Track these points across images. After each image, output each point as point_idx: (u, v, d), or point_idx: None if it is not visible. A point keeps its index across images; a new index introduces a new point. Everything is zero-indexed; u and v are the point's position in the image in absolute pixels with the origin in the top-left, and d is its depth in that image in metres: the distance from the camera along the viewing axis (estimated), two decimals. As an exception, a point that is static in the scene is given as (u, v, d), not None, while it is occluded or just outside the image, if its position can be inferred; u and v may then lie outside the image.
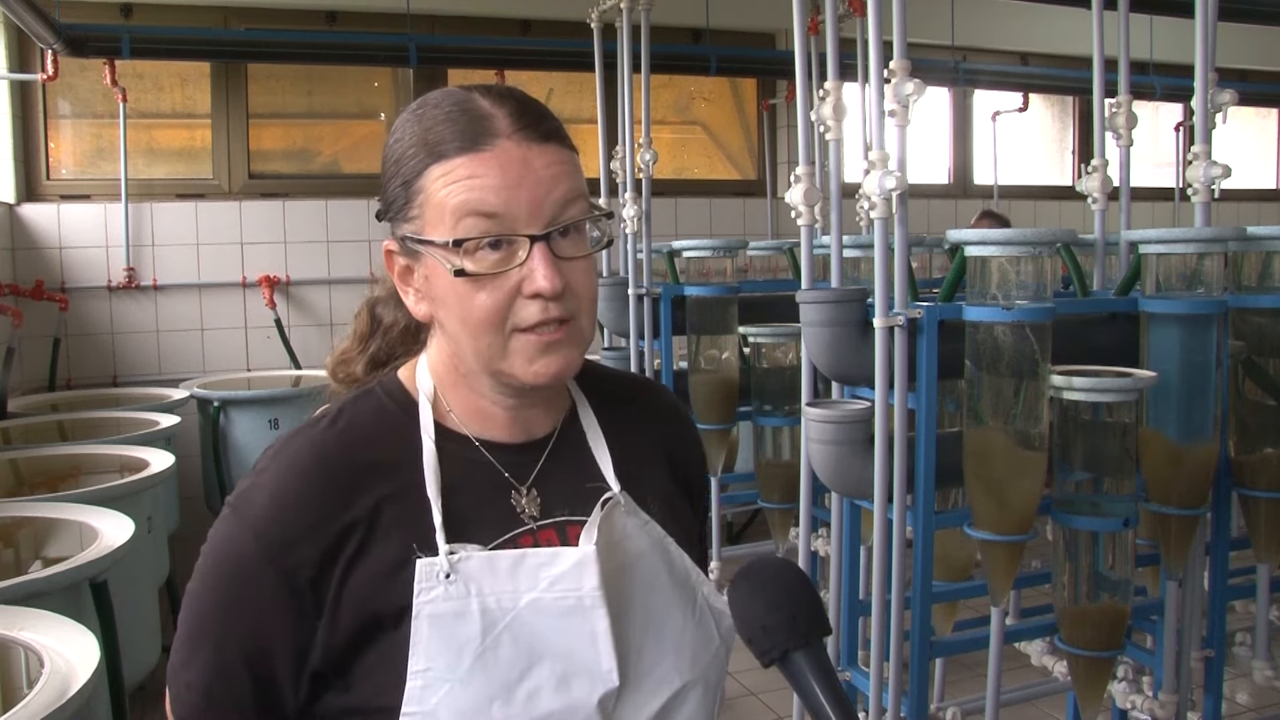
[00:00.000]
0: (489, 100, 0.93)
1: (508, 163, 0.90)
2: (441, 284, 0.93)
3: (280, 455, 0.96)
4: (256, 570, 0.92)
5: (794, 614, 0.89)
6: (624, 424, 1.05)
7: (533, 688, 0.90)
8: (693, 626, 0.99)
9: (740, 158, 5.73)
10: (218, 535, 0.96)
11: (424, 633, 0.89)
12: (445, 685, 0.89)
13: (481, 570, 0.92)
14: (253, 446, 3.92)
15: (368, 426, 0.98)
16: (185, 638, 0.95)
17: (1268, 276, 2.39)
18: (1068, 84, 5.76)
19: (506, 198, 0.89)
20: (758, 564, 0.94)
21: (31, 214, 4.46)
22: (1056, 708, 3.10)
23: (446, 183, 0.90)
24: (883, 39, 2.13)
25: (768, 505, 3.21)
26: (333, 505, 0.92)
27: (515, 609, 0.91)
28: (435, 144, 0.92)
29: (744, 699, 3.41)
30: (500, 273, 0.90)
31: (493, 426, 0.99)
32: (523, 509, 0.98)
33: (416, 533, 0.92)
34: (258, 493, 0.94)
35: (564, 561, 0.93)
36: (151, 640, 2.69)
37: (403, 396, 1.00)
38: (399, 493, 0.93)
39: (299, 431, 0.98)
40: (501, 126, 0.91)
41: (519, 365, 0.93)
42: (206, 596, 0.95)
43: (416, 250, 0.94)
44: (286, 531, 0.91)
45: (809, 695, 0.88)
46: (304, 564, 0.91)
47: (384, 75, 5.08)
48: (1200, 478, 2.26)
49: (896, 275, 2.13)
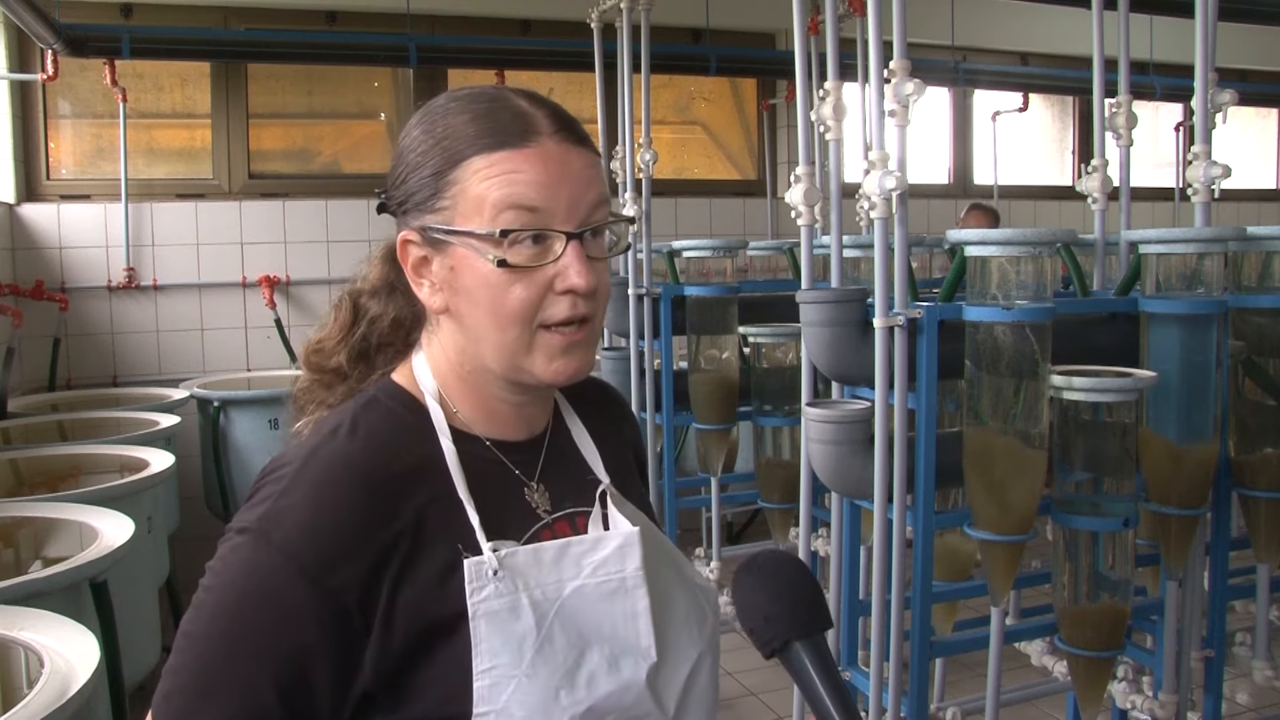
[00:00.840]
0: (526, 101, 0.95)
1: (550, 160, 0.92)
2: (472, 276, 0.93)
3: (305, 473, 0.91)
4: (295, 595, 0.87)
5: (795, 604, 0.91)
6: (596, 419, 1.10)
7: (590, 672, 0.92)
8: (692, 600, 1.02)
9: (740, 158, 5.73)
10: (236, 565, 0.89)
11: (483, 632, 0.89)
12: (512, 681, 0.89)
13: (527, 564, 0.93)
14: (253, 446, 3.92)
15: (387, 434, 0.96)
16: (195, 684, 0.87)
17: (1268, 276, 2.39)
18: (1068, 84, 5.76)
19: (548, 194, 0.91)
20: (761, 556, 0.96)
21: (31, 214, 4.45)
22: (1056, 708, 3.10)
23: (488, 175, 0.91)
24: (883, 39, 2.13)
25: (768, 505, 3.21)
26: (375, 520, 0.90)
27: (560, 598, 0.93)
28: (474, 137, 0.93)
29: (744, 699, 3.41)
30: (537, 266, 0.92)
31: (498, 424, 1.00)
32: (536, 504, 1.00)
33: (459, 535, 0.92)
34: (288, 515, 0.89)
35: (607, 545, 0.96)
36: (151, 640, 2.69)
37: (408, 399, 0.99)
38: (436, 498, 0.93)
39: (316, 448, 0.93)
40: (543, 125, 0.93)
41: (540, 362, 0.94)
42: (225, 636, 0.88)
43: (442, 241, 0.94)
44: (328, 552, 0.88)
45: (809, 686, 0.89)
46: (349, 585, 0.87)
47: (384, 75, 5.07)
48: (1200, 478, 2.26)
49: (896, 275, 2.13)
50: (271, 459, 0.97)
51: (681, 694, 0.98)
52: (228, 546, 0.91)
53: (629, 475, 1.12)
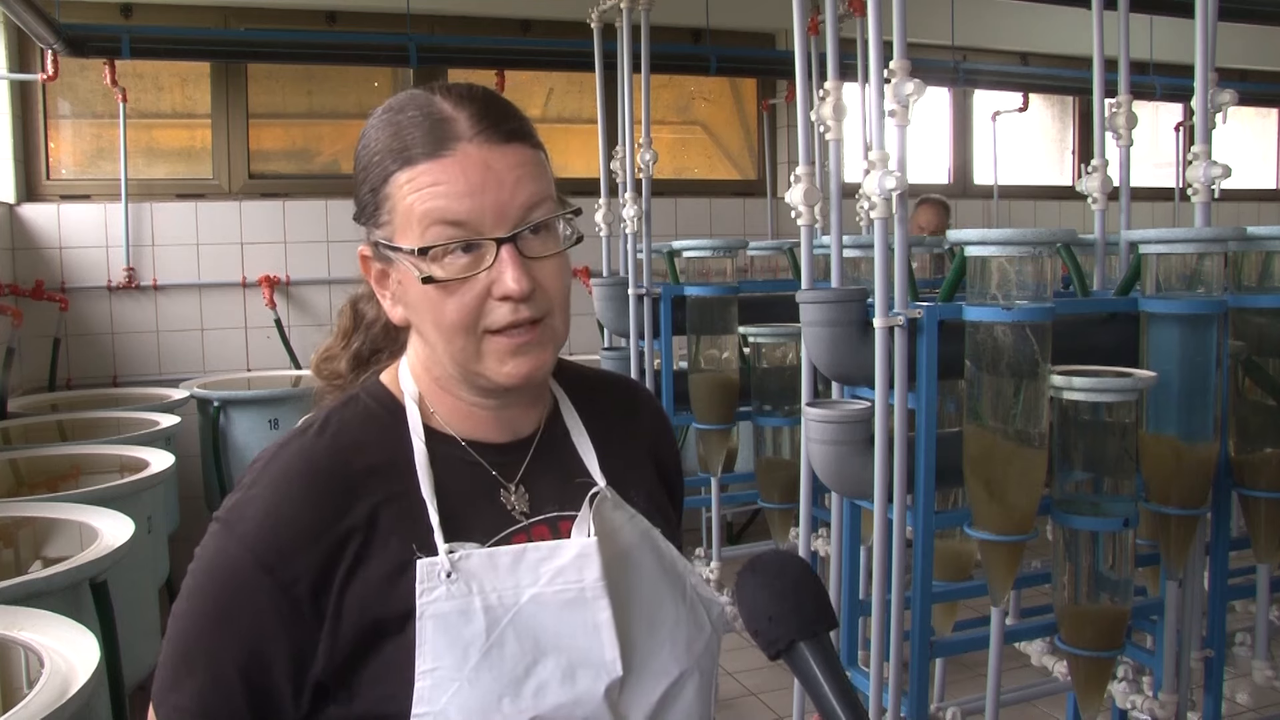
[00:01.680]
0: (450, 102, 0.93)
1: (470, 167, 0.90)
2: (413, 290, 0.93)
3: (270, 467, 0.94)
4: (252, 583, 0.90)
5: (799, 605, 0.90)
6: (606, 421, 1.07)
7: (540, 682, 0.90)
8: (685, 615, 1.00)
9: (740, 158, 5.73)
10: (207, 551, 0.94)
11: (429, 633, 0.89)
12: (454, 684, 0.89)
13: (482, 567, 0.92)
14: (253, 446, 3.92)
15: (356, 432, 0.97)
16: (174, 658, 0.93)
17: (1268, 276, 2.39)
18: (1068, 84, 5.76)
19: (470, 204, 0.90)
20: (764, 557, 0.95)
21: (31, 214, 4.45)
22: (1056, 708, 3.10)
23: (411, 190, 0.91)
24: (883, 39, 2.13)
25: (768, 505, 3.21)
26: (329, 514, 0.91)
27: (517, 604, 0.92)
28: (399, 150, 0.92)
29: (744, 699, 3.41)
30: (469, 277, 0.90)
31: (478, 427, 1.00)
32: (513, 506, 0.98)
33: (415, 535, 0.92)
34: (249, 506, 0.93)
35: (565, 554, 0.94)
36: (151, 640, 2.68)
37: (388, 400, 1.00)
38: (394, 497, 0.93)
39: (287, 442, 0.96)
40: (463, 130, 0.91)
41: (491, 367, 0.93)
42: (198, 614, 0.93)
43: (389, 256, 0.94)
44: (282, 543, 0.90)
45: (815, 687, 0.88)
46: (302, 575, 0.90)
47: (384, 75, 5.08)
48: (1200, 478, 2.26)
49: (896, 275, 2.13)
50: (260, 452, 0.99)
51: (654, 712, 0.95)
52: (207, 533, 0.95)
53: (638, 478, 1.07)
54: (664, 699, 0.96)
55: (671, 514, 1.11)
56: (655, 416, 1.16)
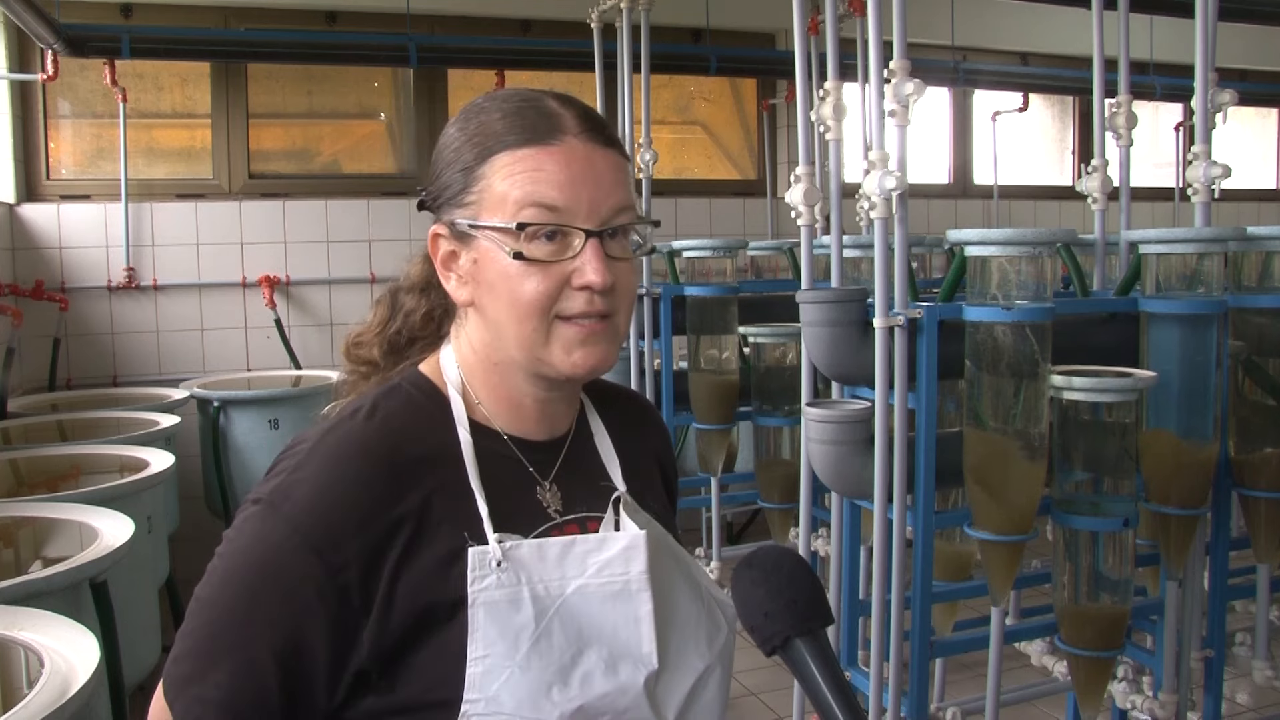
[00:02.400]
0: (557, 101, 0.98)
1: (573, 159, 0.94)
2: (493, 268, 0.95)
3: (319, 449, 0.94)
4: (299, 566, 0.89)
5: (795, 601, 0.90)
6: (623, 429, 1.10)
7: (585, 671, 0.92)
8: (704, 614, 1.02)
9: (740, 158, 5.73)
10: (247, 534, 0.92)
11: (481, 620, 0.90)
12: (505, 671, 0.90)
13: (531, 557, 0.93)
14: (253, 446, 3.91)
15: (404, 419, 0.98)
16: (199, 647, 0.90)
17: (1268, 276, 2.39)
18: (1068, 84, 5.75)
19: (569, 193, 0.93)
20: (760, 553, 0.95)
21: (31, 214, 4.45)
22: (1056, 708, 3.10)
23: (511, 172, 0.94)
24: (883, 39, 2.13)
25: (768, 505, 3.21)
26: (382, 499, 0.91)
27: (563, 595, 0.93)
28: (502, 134, 0.95)
29: (744, 699, 3.41)
30: (554, 261, 0.93)
31: (520, 420, 1.01)
32: (548, 504, 1.01)
33: (466, 524, 0.93)
34: (297, 488, 0.91)
35: (613, 546, 0.97)
36: (151, 640, 2.68)
37: (431, 389, 1.01)
38: (445, 485, 0.95)
39: (335, 426, 0.96)
40: (569, 125, 0.95)
41: (558, 354, 0.95)
42: (234, 600, 0.90)
43: (469, 234, 0.96)
44: (333, 527, 0.89)
45: (811, 683, 0.89)
46: (352, 560, 0.89)
47: (384, 75, 5.07)
48: (1200, 478, 2.26)
49: (896, 275, 2.13)
50: (295, 436, 0.99)
51: (683, 705, 0.97)
52: (242, 516, 0.93)
53: (650, 486, 1.11)
54: (692, 692, 0.98)
55: (674, 521, 1.14)
56: (660, 429, 1.20)
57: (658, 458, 1.16)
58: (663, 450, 1.18)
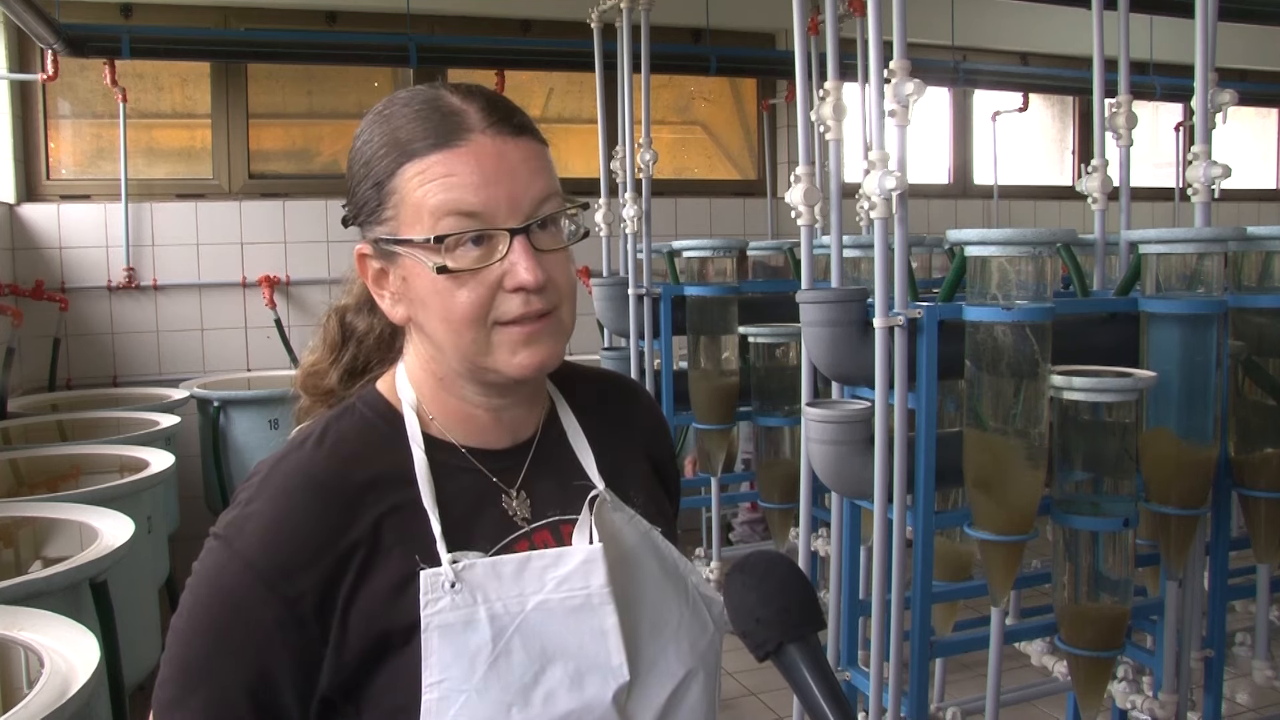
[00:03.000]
0: (457, 96, 0.93)
1: (484, 158, 0.90)
2: (421, 284, 0.92)
3: (268, 481, 0.93)
4: (255, 600, 0.89)
5: (787, 607, 0.90)
6: (603, 422, 1.06)
7: (548, 690, 0.90)
8: (689, 615, 0.99)
9: (740, 158, 5.73)
10: (206, 568, 0.92)
11: (435, 644, 0.88)
12: (461, 696, 0.88)
13: (486, 577, 0.91)
14: (253, 446, 3.92)
15: (355, 443, 0.95)
16: (177, 676, 0.91)
17: (1268, 276, 2.39)
18: (1068, 84, 5.75)
19: (485, 195, 0.89)
20: (752, 558, 0.94)
21: (31, 214, 4.45)
22: (1056, 708, 3.10)
23: (423, 181, 0.90)
24: (883, 39, 2.13)
25: (768, 505, 3.21)
26: (330, 529, 0.90)
27: (522, 612, 0.91)
28: (407, 142, 0.91)
29: (744, 699, 3.41)
30: (482, 268, 0.90)
31: (477, 431, 0.99)
32: (515, 512, 0.98)
33: (417, 546, 0.91)
34: (249, 522, 0.91)
35: (570, 561, 0.94)
36: (151, 640, 2.69)
37: (385, 409, 0.99)
38: (396, 508, 0.92)
39: (284, 456, 0.95)
40: (474, 122, 0.91)
41: (502, 358, 0.92)
42: (200, 632, 0.91)
43: (392, 252, 0.93)
44: (284, 560, 0.89)
45: (803, 688, 0.88)
46: (306, 591, 0.89)
47: (384, 75, 5.07)
48: (1200, 478, 2.26)
49: (896, 275, 2.13)
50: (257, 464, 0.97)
51: (661, 713, 0.95)
52: (205, 548, 0.93)
53: (634, 477, 1.06)
54: (671, 700, 0.96)
55: (669, 510, 1.11)
56: (651, 414, 1.16)
57: (646, 445, 1.11)
58: (653, 436, 1.13)
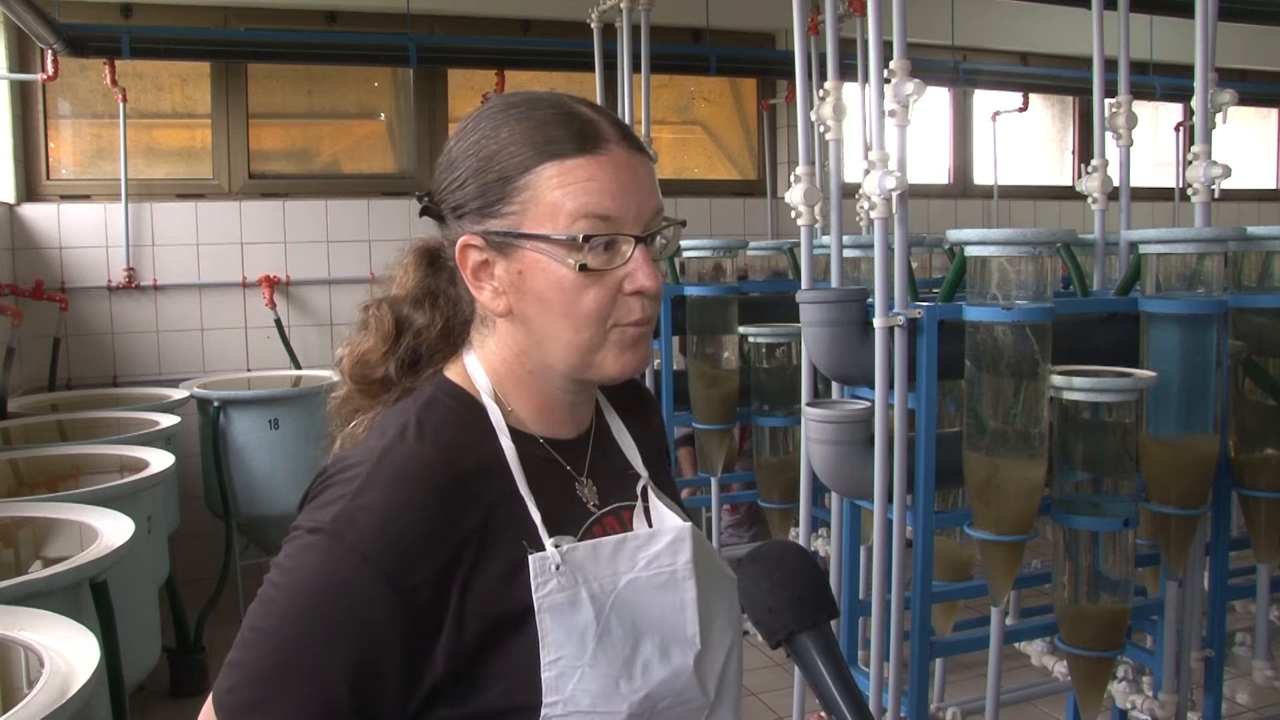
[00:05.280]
0: (588, 109, 0.98)
1: (621, 168, 0.96)
2: (544, 279, 0.95)
3: (378, 473, 0.92)
4: (370, 594, 0.88)
5: (799, 596, 0.93)
6: (631, 415, 1.13)
7: (644, 661, 0.95)
8: (725, 591, 1.05)
9: (740, 158, 5.73)
10: (310, 564, 0.90)
11: (549, 625, 0.92)
12: (577, 672, 0.92)
13: (586, 558, 0.96)
14: (253, 446, 3.91)
15: (454, 433, 0.97)
16: (265, 677, 0.89)
17: (1268, 276, 2.39)
18: (1068, 84, 5.76)
19: (621, 202, 0.95)
20: (764, 548, 0.98)
21: (31, 214, 4.45)
22: (1056, 708, 3.10)
23: (564, 182, 0.94)
24: (883, 39, 2.13)
25: (768, 505, 3.21)
26: (447, 519, 0.92)
27: (615, 590, 0.96)
28: (546, 143, 0.95)
29: (744, 699, 3.40)
30: (608, 270, 0.95)
31: (552, 422, 1.03)
32: (586, 499, 1.03)
33: (523, 532, 0.95)
34: (363, 515, 0.90)
35: (660, 540, 1.00)
36: (151, 640, 2.68)
37: (466, 399, 1.01)
38: (501, 497, 0.96)
39: (389, 448, 0.94)
40: (610, 133, 0.97)
41: (610, 358, 0.98)
42: (301, 630, 0.89)
43: (510, 245, 0.96)
44: (402, 554, 0.89)
45: (815, 676, 0.91)
46: (423, 584, 0.89)
47: (384, 75, 5.07)
48: (1200, 478, 2.26)
49: (896, 275, 2.13)
50: (334, 458, 0.97)
51: (720, 678, 1.01)
52: (299, 545, 0.92)
53: (663, 467, 1.15)
54: (724, 665, 1.02)
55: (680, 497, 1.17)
56: (655, 408, 1.23)
57: (659, 441, 1.19)
58: (661, 432, 1.21)
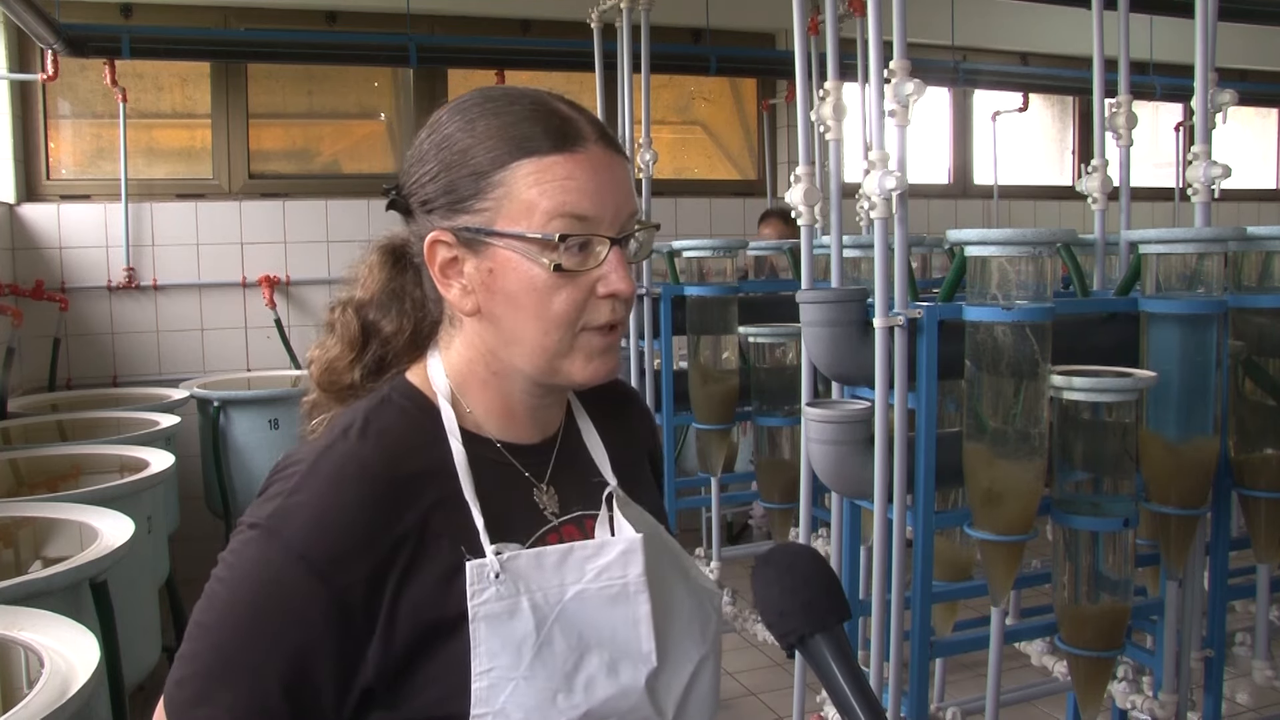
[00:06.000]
0: (566, 105, 0.96)
1: (599, 168, 0.93)
2: (516, 278, 0.93)
3: (316, 471, 0.92)
4: (303, 591, 0.88)
5: (811, 599, 0.92)
6: (608, 422, 1.09)
7: (588, 676, 0.92)
8: (695, 602, 1.02)
9: (740, 158, 5.73)
10: (245, 559, 0.90)
11: (482, 634, 0.90)
12: (510, 683, 0.90)
13: (529, 567, 0.93)
14: (253, 446, 3.92)
15: (399, 435, 0.96)
16: (204, 671, 0.89)
17: (1268, 276, 2.39)
18: (1068, 84, 5.76)
19: (597, 202, 0.92)
20: (777, 551, 0.97)
21: (31, 214, 4.46)
22: (1056, 708, 3.10)
23: (539, 180, 0.92)
24: (883, 39, 2.13)
25: (768, 505, 3.21)
26: (382, 520, 0.90)
27: (561, 602, 0.93)
28: (523, 139, 0.92)
29: (744, 699, 3.41)
30: (582, 271, 0.93)
31: (513, 426, 1.01)
32: (544, 506, 1.00)
33: (463, 538, 0.92)
34: (297, 512, 0.90)
35: (610, 551, 0.96)
36: (151, 640, 2.68)
37: (421, 400, 0.99)
38: (441, 500, 0.93)
39: (328, 447, 0.94)
40: (588, 132, 0.94)
41: (578, 363, 0.95)
42: (237, 626, 0.89)
43: (481, 242, 0.93)
44: (336, 551, 0.89)
45: (829, 678, 0.91)
46: (355, 583, 0.89)
47: (384, 75, 5.07)
48: (1200, 478, 2.26)
49: (896, 275, 2.13)
50: (284, 455, 0.97)
51: (681, 697, 0.98)
52: (240, 540, 0.92)
53: (640, 477, 1.11)
54: (689, 683, 0.99)
55: (663, 509, 1.14)
56: (644, 415, 1.19)
57: (644, 444, 1.16)
58: (648, 437, 1.18)
